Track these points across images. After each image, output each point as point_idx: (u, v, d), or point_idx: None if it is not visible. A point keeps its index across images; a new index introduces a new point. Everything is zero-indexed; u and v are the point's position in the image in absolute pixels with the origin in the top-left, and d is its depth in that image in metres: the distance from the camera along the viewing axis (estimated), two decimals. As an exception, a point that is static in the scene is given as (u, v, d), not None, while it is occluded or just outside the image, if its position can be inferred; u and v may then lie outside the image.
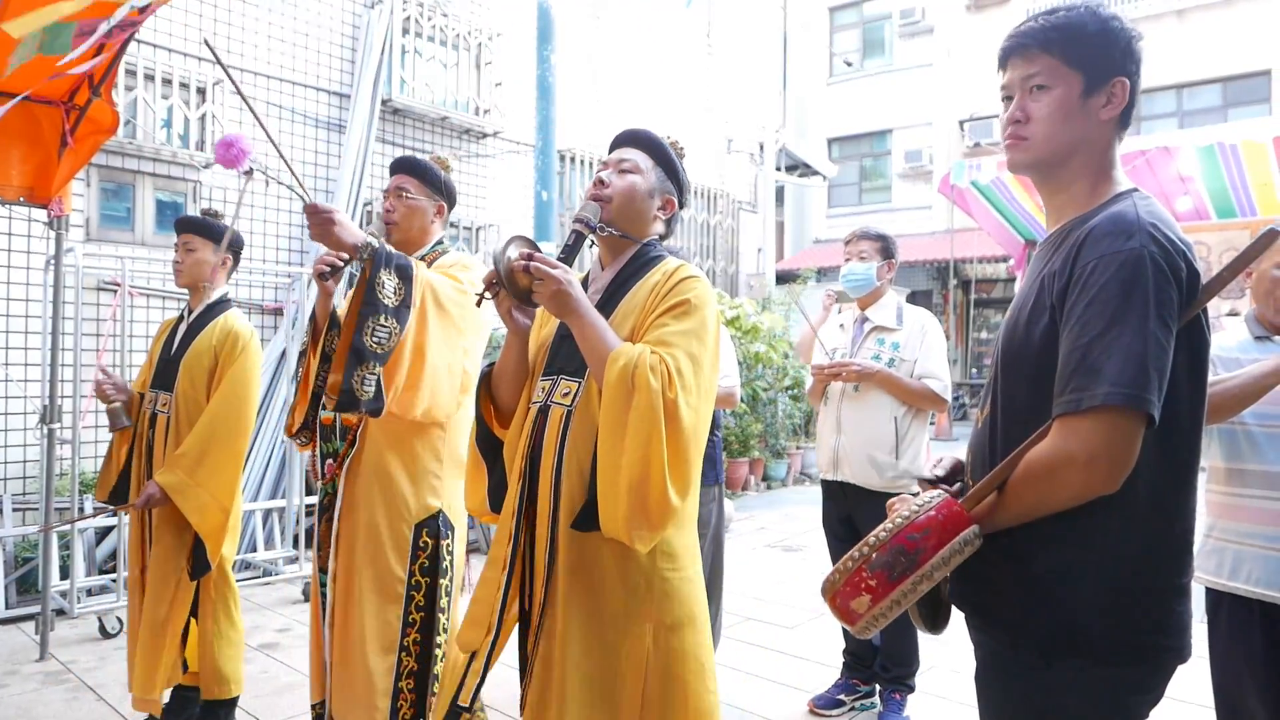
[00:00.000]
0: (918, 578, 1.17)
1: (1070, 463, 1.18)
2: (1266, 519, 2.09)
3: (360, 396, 2.07)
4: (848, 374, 3.14)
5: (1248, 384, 2.03)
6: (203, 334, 2.87)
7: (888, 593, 1.18)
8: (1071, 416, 1.18)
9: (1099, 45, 1.33)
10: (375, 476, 2.27)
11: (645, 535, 1.53)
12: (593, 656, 1.60)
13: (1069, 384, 1.19)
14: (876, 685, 3.32)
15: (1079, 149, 1.35)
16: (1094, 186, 1.35)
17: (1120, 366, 1.15)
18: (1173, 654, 1.27)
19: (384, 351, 2.10)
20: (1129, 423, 1.16)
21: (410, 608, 2.27)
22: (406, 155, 2.52)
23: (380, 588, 2.24)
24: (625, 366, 1.53)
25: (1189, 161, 5.89)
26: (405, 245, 2.43)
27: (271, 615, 4.44)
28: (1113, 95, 1.33)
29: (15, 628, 4.17)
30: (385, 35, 6.74)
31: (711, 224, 10.56)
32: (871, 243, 3.31)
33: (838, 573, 1.23)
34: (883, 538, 1.20)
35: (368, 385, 2.07)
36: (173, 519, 2.77)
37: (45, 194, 3.64)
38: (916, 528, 1.19)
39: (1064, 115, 1.34)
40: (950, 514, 1.22)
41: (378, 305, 2.09)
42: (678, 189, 1.86)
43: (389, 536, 2.26)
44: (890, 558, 1.18)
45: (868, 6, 18.56)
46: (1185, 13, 14.86)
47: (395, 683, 2.23)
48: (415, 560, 2.28)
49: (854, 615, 1.21)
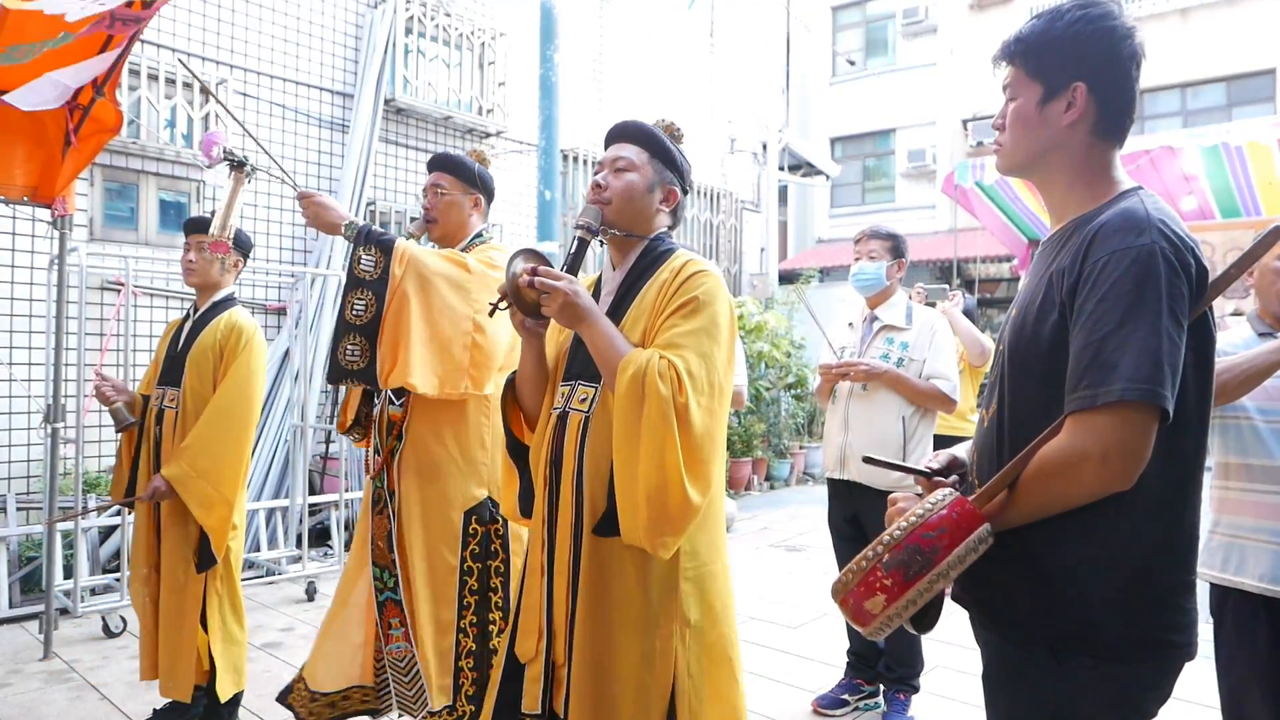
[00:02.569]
0: (934, 576, 1.17)
1: (1085, 459, 1.17)
2: (1272, 514, 2.09)
3: (348, 367, 2.22)
4: (855, 373, 3.14)
5: (1254, 363, 2.03)
6: (207, 329, 2.89)
7: (904, 592, 1.17)
8: (1086, 413, 1.18)
9: (1057, 54, 1.34)
10: (422, 469, 2.36)
11: (669, 541, 1.53)
12: (623, 661, 1.59)
13: (1082, 380, 1.19)
14: (880, 685, 3.31)
15: (1048, 154, 1.37)
16: (1091, 186, 1.35)
17: (1135, 362, 1.15)
18: (1181, 651, 1.27)
19: (363, 323, 2.24)
20: (1144, 418, 1.16)
21: (464, 592, 2.37)
22: (441, 152, 2.62)
23: (436, 576, 2.35)
24: (635, 375, 1.53)
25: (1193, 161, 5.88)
26: (446, 239, 2.56)
27: (275, 614, 4.44)
28: (1072, 102, 1.33)
29: (19, 627, 4.18)
30: (388, 35, 6.74)
31: (715, 223, 10.55)
32: (882, 242, 3.31)
33: (850, 573, 1.22)
34: (897, 536, 1.19)
35: (352, 355, 2.22)
36: (180, 512, 2.79)
37: (49, 193, 3.65)
38: (930, 526, 1.18)
39: (1023, 124, 1.37)
40: (964, 512, 1.21)
41: (356, 279, 2.26)
42: (678, 176, 1.83)
43: (440, 526, 2.36)
44: (906, 557, 1.17)
45: (870, 6, 18.54)
46: (1189, 12, 14.83)
47: (456, 662, 2.34)
48: (466, 547, 2.38)
49: (868, 616, 1.20)
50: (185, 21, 5.90)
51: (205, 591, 2.83)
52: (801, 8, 16.63)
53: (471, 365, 2.34)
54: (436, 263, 2.33)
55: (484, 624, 2.39)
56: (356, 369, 2.23)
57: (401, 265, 2.27)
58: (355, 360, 2.23)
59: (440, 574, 2.36)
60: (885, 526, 1.29)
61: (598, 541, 1.61)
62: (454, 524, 2.36)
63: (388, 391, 2.39)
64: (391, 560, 2.39)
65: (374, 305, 2.24)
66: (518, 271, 1.62)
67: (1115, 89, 1.33)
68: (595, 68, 9.03)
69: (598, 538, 1.61)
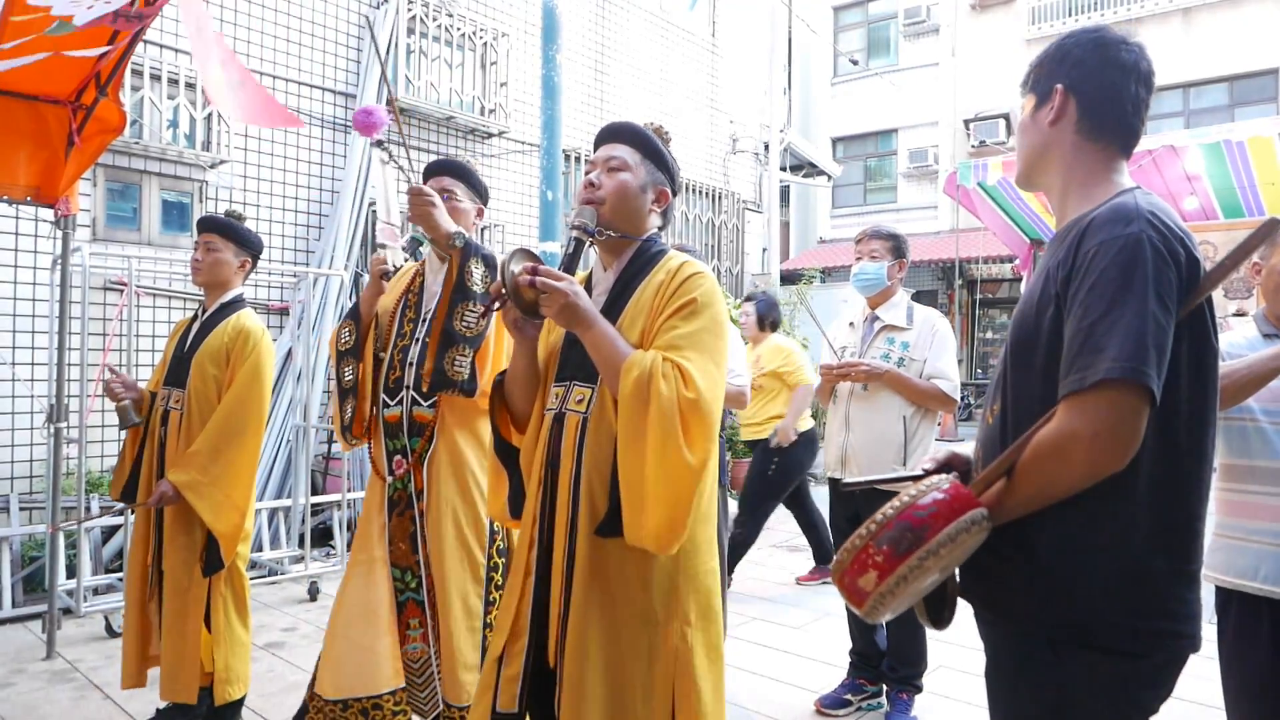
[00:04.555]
0: (924, 553, 1.17)
1: (1075, 439, 1.19)
2: (1277, 515, 2.08)
3: (454, 378, 2.25)
4: (856, 374, 3.14)
5: (1256, 366, 2.02)
6: (215, 331, 2.87)
7: (894, 568, 1.18)
8: (1076, 395, 1.20)
9: (1045, 66, 1.45)
10: (452, 468, 2.38)
11: (673, 541, 1.54)
12: (622, 661, 1.60)
13: (1074, 365, 1.21)
14: (883, 685, 3.31)
15: (1042, 157, 1.46)
16: (1086, 188, 1.39)
17: (1120, 343, 1.17)
18: (1184, 641, 1.27)
19: (473, 335, 2.27)
20: (1131, 397, 1.17)
21: (490, 588, 2.39)
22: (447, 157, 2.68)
23: (464, 572, 2.36)
24: (639, 377, 1.53)
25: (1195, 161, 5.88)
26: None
27: (278, 614, 4.45)
28: (1053, 103, 1.41)
29: (22, 626, 4.18)
30: (391, 35, 6.75)
31: (716, 224, 10.55)
32: (883, 242, 3.31)
33: (845, 552, 1.24)
34: (889, 514, 1.21)
35: (460, 366, 2.25)
36: (184, 516, 2.77)
37: (52, 193, 3.65)
38: (922, 505, 1.20)
39: (1022, 132, 1.50)
40: (957, 494, 1.22)
41: (467, 291, 2.27)
42: (669, 177, 1.83)
43: (469, 522, 2.37)
44: (896, 533, 1.19)
45: (872, 6, 18.55)
46: (1191, 12, 14.83)
47: (481, 658, 2.32)
48: (493, 543, 2.41)
49: (861, 594, 1.21)
50: (188, 22, 5.91)
51: (210, 593, 2.82)
52: (803, 8, 16.63)
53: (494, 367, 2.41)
54: None
55: None
56: (461, 380, 2.26)
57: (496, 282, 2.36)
58: (461, 370, 2.25)
59: (473, 571, 2.38)
60: None
61: (597, 542, 1.61)
62: (482, 520, 2.39)
63: (414, 394, 2.37)
64: (416, 561, 2.38)
65: (486, 318, 2.28)
66: (516, 271, 1.62)
67: (1095, 88, 1.38)
68: (597, 68, 9.03)
69: (596, 538, 1.61)
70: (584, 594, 1.60)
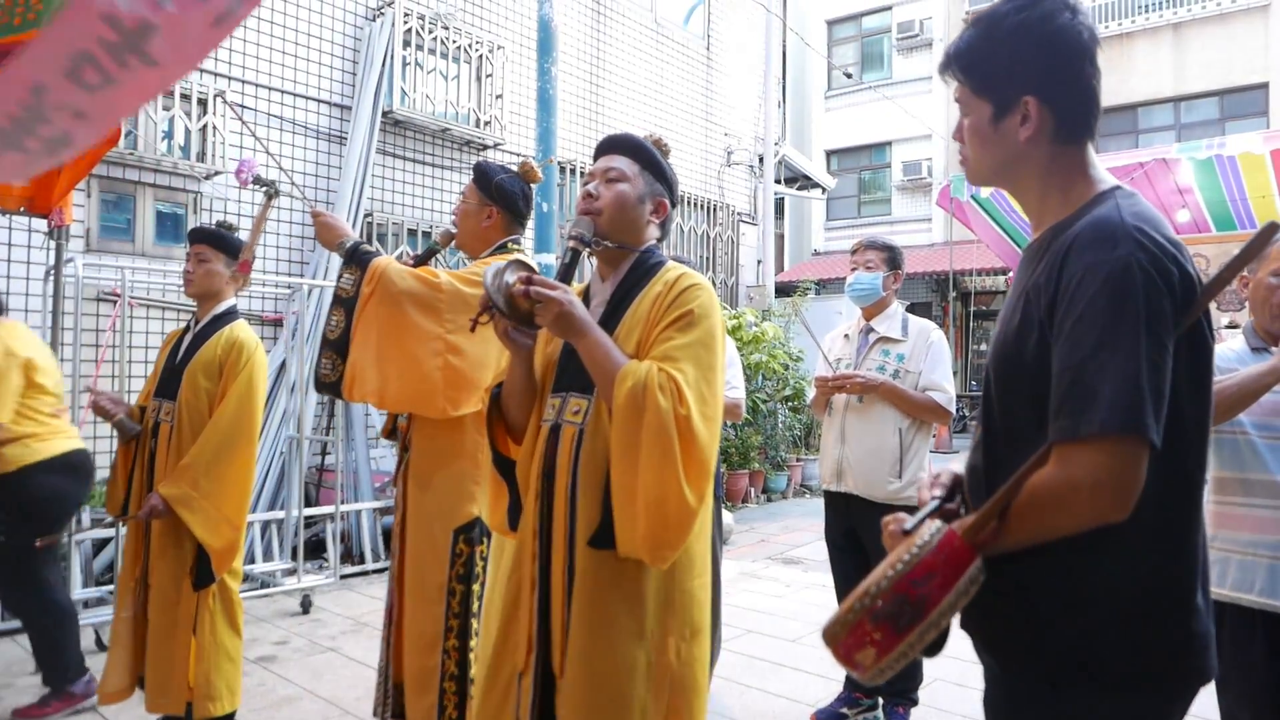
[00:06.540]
0: (925, 627, 1.11)
1: (1076, 491, 1.11)
2: (1269, 528, 2.08)
3: (324, 379, 2.37)
4: (851, 386, 3.14)
5: (1246, 384, 2.02)
6: (208, 344, 2.85)
7: (894, 645, 1.11)
8: (1070, 444, 1.12)
9: (1000, 68, 1.28)
10: (420, 483, 2.39)
11: (667, 553, 1.53)
12: (623, 673, 1.58)
13: (1063, 408, 1.14)
14: (879, 698, 3.30)
15: (1014, 167, 1.32)
16: (1065, 191, 1.29)
17: (1115, 390, 1.09)
18: (1194, 674, 1.21)
19: (334, 339, 2.37)
20: (1130, 449, 1.10)
21: (448, 614, 2.36)
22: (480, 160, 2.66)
23: (425, 592, 2.36)
24: (634, 387, 1.52)
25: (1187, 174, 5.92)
26: (465, 249, 2.64)
27: (269, 628, 4.41)
28: (1026, 116, 1.26)
29: (11, 640, 4.14)
30: (387, 47, 6.76)
31: (711, 235, 10.58)
32: (878, 253, 3.31)
33: (839, 624, 1.14)
34: (884, 586, 1.11)
35: (325, 369, 2.37)
36: (173, 530, 2.74)
37: (46, 204, 3.65)
38: (919, 573, 1.11)
39: (980, 141, 1.32)
40: (952, 551, 1.14)
41: (335, 297, 2.40)
42: (667, 189, 1.83)
43: (430, 541, 2.38)
44: (895, 608, 1.10)
45: (866, 20, 18.69)
46: (1182, 26, 14.95)
47: (440, 683, 2.33)
48: (452, 566, 2.37)
49: (860, 667, 1.14)
50: (184, 34, 5.91)
51: (198, 607, 2.77)
52: (798, 22, 16.74)
53: (447, 386, 2.31)
54: (405, 282, 2.32)
55: (465, 649, 2.36)
56: (328, 381, 2.37)
57: (370, 285, 2.33)
58: (328, 373, 2.37)
59: (429, 590, 2.35)
60: (881, 548, 1.24)
61: (593, 554, 1.60)
62: (443, 541, 2.36)
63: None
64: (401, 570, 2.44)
65: (343, 322, 2.36)
66: (511, 281, 1.61)
67: (1068, 93, 1.26)
68: (593, 81, 9.06)
69: (593, 551, 1.60)
70: (583, 606, 1.60)
